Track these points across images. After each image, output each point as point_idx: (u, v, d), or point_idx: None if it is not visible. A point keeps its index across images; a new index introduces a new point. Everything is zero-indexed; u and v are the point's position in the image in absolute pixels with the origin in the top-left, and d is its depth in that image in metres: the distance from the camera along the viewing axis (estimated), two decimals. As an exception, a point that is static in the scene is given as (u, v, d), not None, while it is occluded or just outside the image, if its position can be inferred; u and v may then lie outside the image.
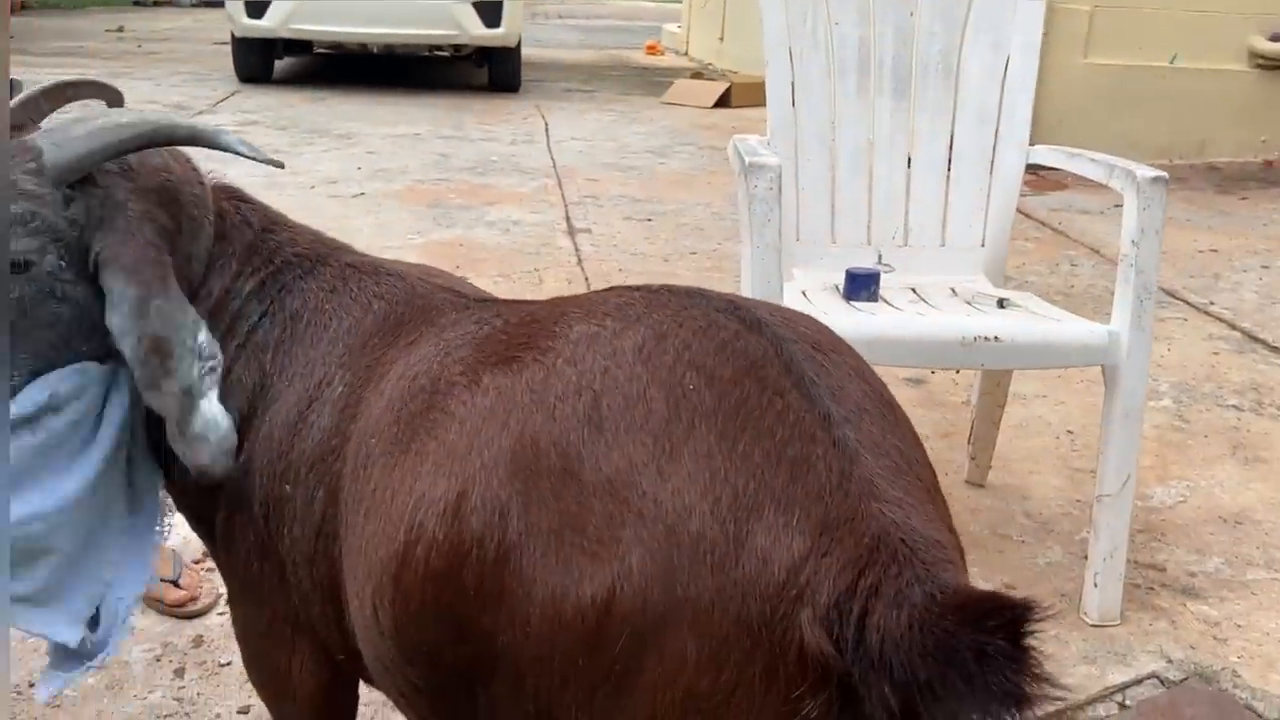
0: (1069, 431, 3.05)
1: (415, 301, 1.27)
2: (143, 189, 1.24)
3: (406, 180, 5.63)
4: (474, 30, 8.51)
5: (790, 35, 2.49)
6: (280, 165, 1.37)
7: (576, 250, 4.50)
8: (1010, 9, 2.49)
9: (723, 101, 8.86)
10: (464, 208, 5.15)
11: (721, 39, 12.03)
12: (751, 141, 2.34)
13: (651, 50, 14.19)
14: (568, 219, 5.05)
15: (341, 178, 5.59)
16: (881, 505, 0.88)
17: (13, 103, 1.35)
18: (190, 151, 1.36)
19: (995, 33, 2.51)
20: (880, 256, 2.49)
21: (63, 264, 1.20)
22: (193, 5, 18.41)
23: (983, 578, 2.31)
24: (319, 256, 1.35)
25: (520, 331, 1.08)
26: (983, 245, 2.51)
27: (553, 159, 6.40)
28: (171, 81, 8.70)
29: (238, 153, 1.28)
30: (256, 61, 8.77)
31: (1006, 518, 2.58)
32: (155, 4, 18.40)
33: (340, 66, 9.85)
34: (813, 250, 2.48)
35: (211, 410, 1.20)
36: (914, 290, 2.39)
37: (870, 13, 2.52)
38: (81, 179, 1.20)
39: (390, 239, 4.54)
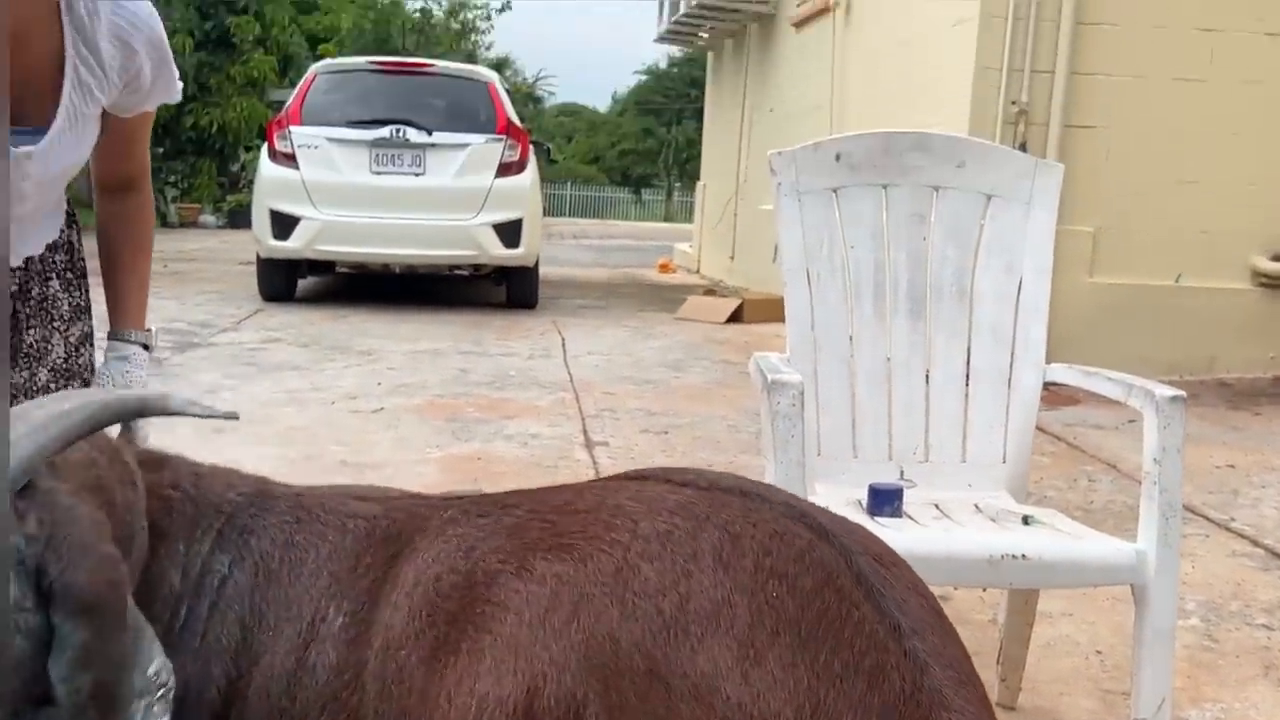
0: (1098, 652, 2.99)
1: (396, 513, 1.22)
2: (79, 488, 1.09)
3: (426, 395, 5.71)
4: (494, 250, 8.78)
5: (807, 258, 2.57)
6: (234, 418, 1.31)
7: (594, 463, 4.52)
8: (1020, 233, 2.58)
9: (735, 317, 9.04)
10: (482, 421, 5.20)
11: (732, 257, 12.36)
12: (772, 359, 2.38)
13: (664, 268, 14.57)
14: (585, 432, 5.09)
15: (361, 393, 5.67)
16: (950, 714, 0.94)
17: None
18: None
19: (1007, 255, 2.58)
20: (902, 472, 2.50)
21: (23, 593, 1.02)
22: (219, 227, 19.05)
23: (1019, 806, 2.23)
24: (265, 493, 1.26)
25: (566, 520, 1.07)
26: (1004, 461, 2.52)
27: (569, 373, 6.49)
28: (196, 301, 8.93)
29: (190, 414, 1.19)
30: (281, 281, 9.02)
31: (1040, 742, 2.50)
32: (183, 225, 19.04)
33: (362, 285, 10.11)
34: (834, 465, 2.50)
35: None
36: (937, 506, 2.39)
37: (884, 237, 2.60)
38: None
39: (409, 453, 4.57)
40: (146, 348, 1.99)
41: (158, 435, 4.63)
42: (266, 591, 1.16)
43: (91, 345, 1.96)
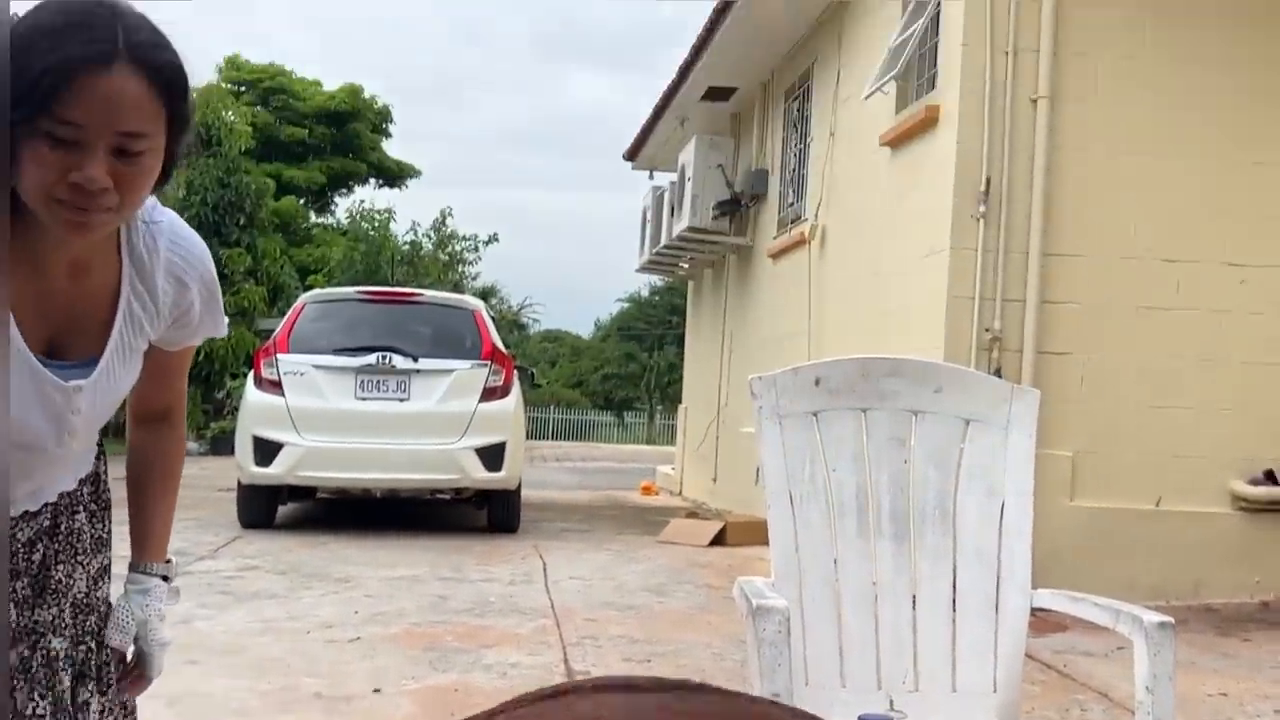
0: None
1: None
2: None
3: (403, 623, 5.60)
4: (476, 474, 8.78)
5: (790, 481, 2.58)
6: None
7: (576, 695, 4.40)
8: (1000, 457, 2.61)
9: (718, 540, 8.98)
10: (461, 650, 5.09)
11: (715, 480, 12.38)
12: (757, 583, 2.37)
13: (647, 491, 14.56)
14: (566, 661, 4.98)
15: (338, 622, 5.56)
16: None
17: None
18: None
19: (988, 479, 2.60)
20: (892, 702, 2.45)
21: None
22: (201, 454, 19.03)
23: None
24: None
25: None
26: (994, 690, 2.48)
27: (551, 599, 6.39)
28: (175, 528, 8.69)
29: None
30: (261, 507, 8.97)
31: None
32: (165, 450, 19.00)
33: (342, 509, 10.05)
34: (823, 695, 2.44)
35: None
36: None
37: (865, 460, 2.62)
38: None
39: (385, 684, 4.45)
40: (166, 579, 1.96)
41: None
42: None
43: (109, 577, 1.93)
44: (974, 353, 6.43)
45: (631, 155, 15.60)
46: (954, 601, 2.54)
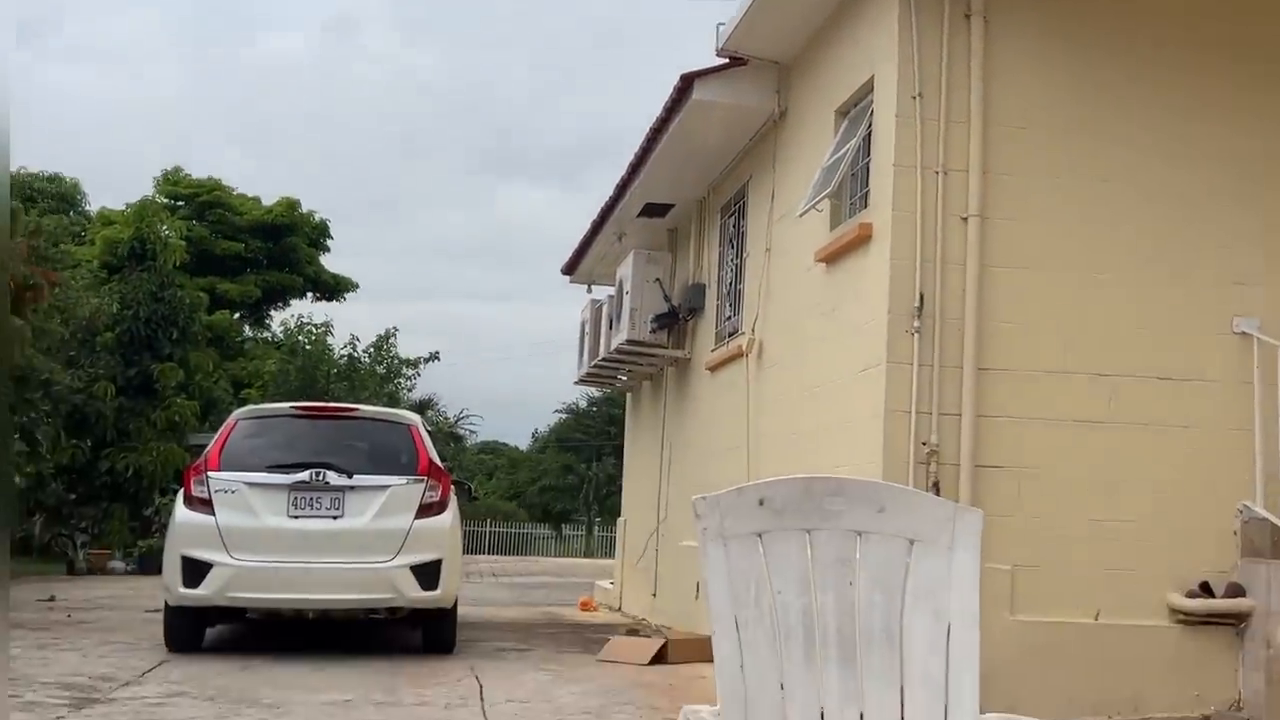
0: None
1: None
2: None
3: (336, 751, 5.41)
4: (410, 593, 8.59)
5: (735, 604, 2.55)
6: None
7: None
8: (945, 578, 2.60)
9: (659, 658, 8.83)
10: (396, 780, 4.92)
11: (655, 594, 12.24)
12: (704, 714, 2.31)
13: (585, 606, 14.34)
14: (505, 790, 4.83)
15: (268, 750, 5.36)
16: None
17: None
18: None
19: (934, 601, 2.59)
20: (842, 834, 2.39)
21: None
22: (128, 572, 18.51)
23: None
24: None
25: None
26: (945, 818, 2.43)
27: (487, 724, 6.23)
28: (100, 652, 8.53)
29: None
30: (188, 630, 8.68)
31: None
32: (91, 572, 18.47)
33: (271, 629, 9.77)
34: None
35: None
36: None
37: (811, 582, 2.60)
38: None
39: (316, 818, 4.28)
40: None
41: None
42: None
43: None
44: (912, 466, 6.46)
45: (570, 269, 15.72)
46: (903, 727, 2.50)
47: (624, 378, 14.44)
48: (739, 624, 2.53)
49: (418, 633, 9.31)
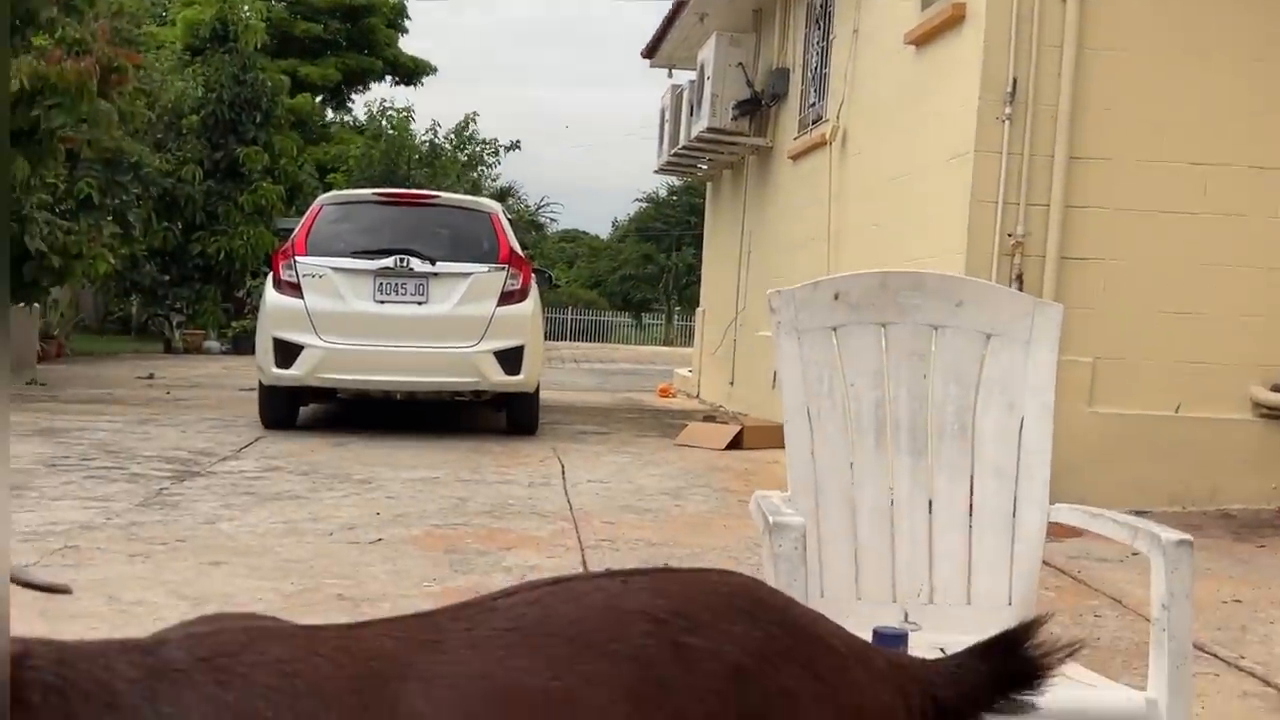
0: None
1: (352, 646, 1.19)
2: None
3: (424, 525, 5.67)
4: (495, 377, 8.81)
5: (808, 396, 2.57)
6: (66, 591, 1.21)
7: (594, 598, 4.46)
8: (1021, 372, 2.59)
9: (735, 444, 9.03)
10: (481, 553, 5.15)
11: (732, 383, 12.41)
12: (774, 499, 2.37)
13: (664, 393, 14.62)
14: (584, 564, 5.04)
15: (360, 523, 5.63)
16: None
17: None
18: None
19: (1009, 394, 2.59)
20: (906, 614, 2.47)
21: None
22: (223, 352, 19.15)
23: None
24: (160, 668, 1.14)
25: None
26: (1009, 604, 2.49)
27: (569, 502, 6.45)
28: (198, 428, 8.93)
29: (22, 583, 1.12)
30: (282, 408, 9.04)
31: None
32: (187, 351, 19.14)
33: (362, 411, 10.12)
34: (838, 608, 2.46)
35: None
36: (942, 650, 2.34)
37: (885, 375, 2.61)
38: None
39: (405, 587, 4.51)
40: None
41: (159, 570, 4.56)
42: None
43: None
44: (995, 258, 6.37)
45: (650, 52, 15.35)
46: (971, 516, 2.54)
47: (704, 166, 14.26)
48: (811, 415, 2.56)
49: (501, 415, 9.59)
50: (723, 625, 1.26)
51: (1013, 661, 1.42)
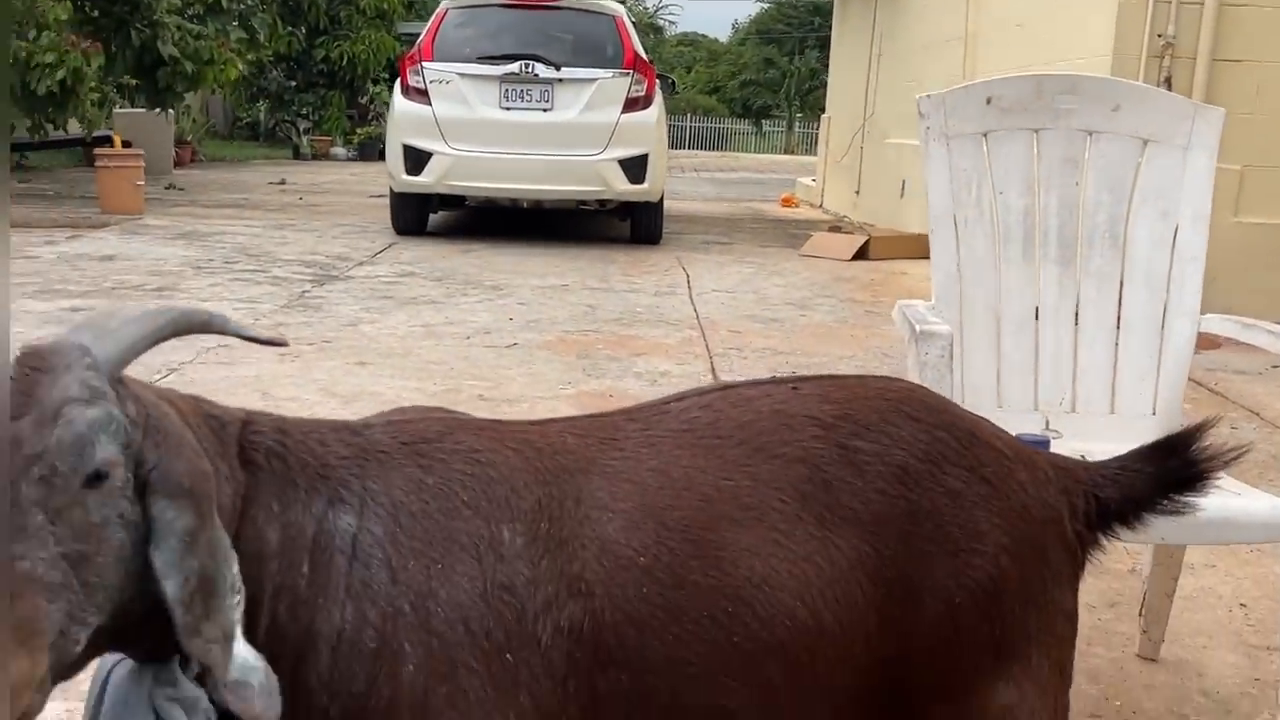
0: (1242, 605, 2.95)
1: (538, 441, 1.25)
2: (154, 401, 1.08)
3: (556, 331, 5.80)
4: (619, 186, 8.81)
5: (954, 203, 2.54)
6: (283, 344, 1.27)
7: (724, 403, 4.55)
8: (1177, 179, 2.52)
9: (861, 254, 8.94)
10: (612, 359, 5.27)
11: (858, 192, 12.21)
12: (919, 308, 2.38)
13: (787, 203, 14.45)
14: (713, 371, 5.13)
15: (495, 328, 5.78)
16: None
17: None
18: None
19: (1163, 201, 2.53)
20: (1048, 423, 2.49)
21: (129, 477, 1.03)
22: (349, 159, 19.39)
23: (1161, 758, 2.23)
24: (369, 449, 1.22)
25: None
26: (1153, 414, 2.49)
27: (696, 310, 6.52)
28: (333, 234, 9.15)
29: (245, 337, 1.18)
30: (413, 215, 9.20)
31: (1183, 695, 2.49)
32: (315, 157, 19.43)
33: (489, 219, 10.24)
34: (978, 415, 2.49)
35: (243, 653, 1.04)
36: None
37: (1035, 183, 2.56)
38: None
39: (541, 390, 4.66)
40: None
41: (309, 368, 4.76)
42: (412, 535, 1.16)
43: None
44: (1144, 60, 6.09)
45: None
46: (1118, 325, 2.52)
47: (834, -36, 13.71)
48: (957, 223, 2.54)
49: (626, 224, 9.62)
50: (889, 429, 1.30)
51: (1177, 465, 1.44)
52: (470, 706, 1.13)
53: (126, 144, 10.68)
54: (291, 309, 6.06)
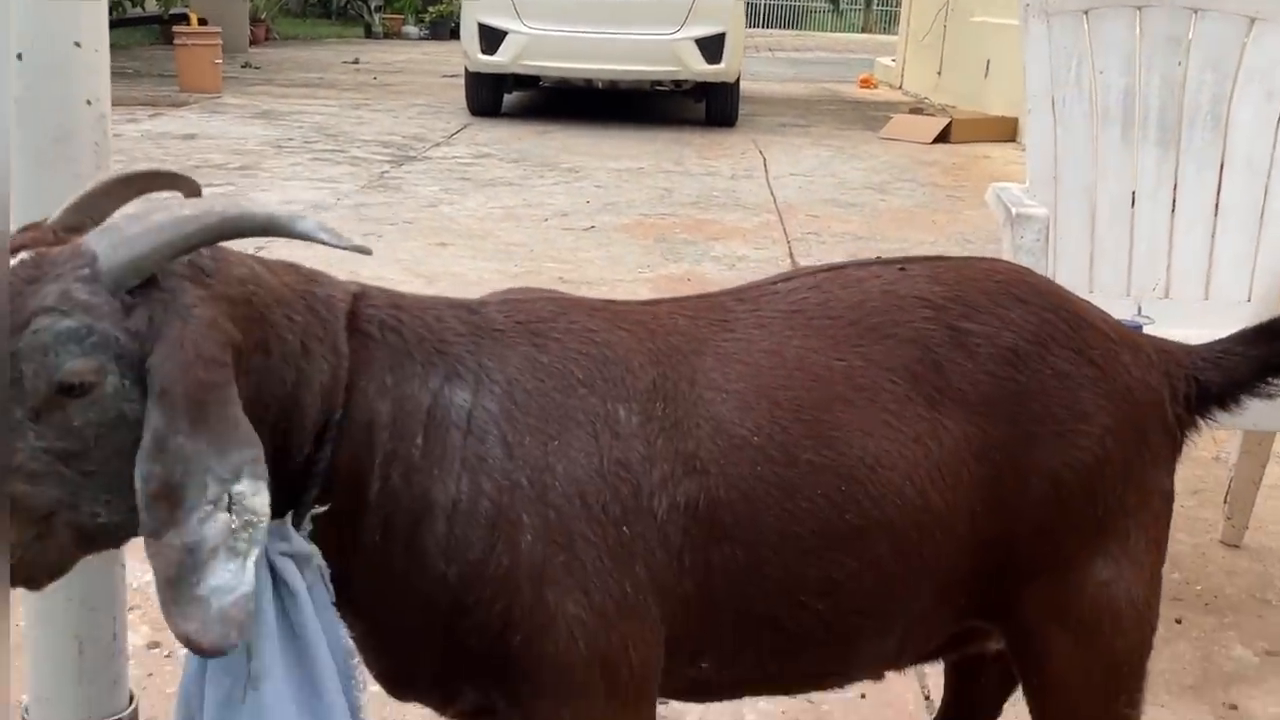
0: (1328, 494, 2.93)
1: (650, 322, 1.27)
2: (217, 296, 1.08)
3: (633, 214, 5.79)
4: (696, 66, 8.69)
5: (1053, 83, 2.49)
6: (367, 251, 1.18)
7: (803, 287, 4.54)
8: (1287, 59, 2.44)
9: (942, 137, 8.78)
10: (689, 242, 5.27)
11: (940, 73, 11.93)
12: (1015, 191, 2.35)
13: (865, 84, 14.16)
14: (791, 256, 5.11)
15: (572, 211, 5.79)
16: None
17: (68, 202, 1.15)
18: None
19: (1269, 81, 2.45)
20: (1140, 308, 2.46)
21: (126, 383, 1.03)
22: (420, 38, 19.27)
23: (1242, 643, 2.25)
24: (483, 326, 1.23)
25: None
26: (1248, 300, 2.45)
27: (773, 194, 6.47)
28: (409, 114, 9.15)
29: (318, 240, 1.12)
30: (488, 95, 9.15)
31: (1265, 581, 2.50)
32: (387, 36, 19.33)
33: (563, 100, 10.17)
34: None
35: (227, 575, 1.00)
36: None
37: (1136, 61, 2.50)
38: (144, 283, 1.04)
39: (621, 273, 4.68)
40: None
41: (391, 248, 4.83)
42: (527, 412, 1.18)
43: None
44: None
45: None
46: (1217, 209, 2.47)
47: None
48: (1055, 103, 2.49)
49: (701, 106, 9.50)
50: (998, 310, 1.30)
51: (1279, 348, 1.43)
52: (587, 575, 1.17)
53: (203, 21, 10.70)
54: (372, 189, 6.10)
